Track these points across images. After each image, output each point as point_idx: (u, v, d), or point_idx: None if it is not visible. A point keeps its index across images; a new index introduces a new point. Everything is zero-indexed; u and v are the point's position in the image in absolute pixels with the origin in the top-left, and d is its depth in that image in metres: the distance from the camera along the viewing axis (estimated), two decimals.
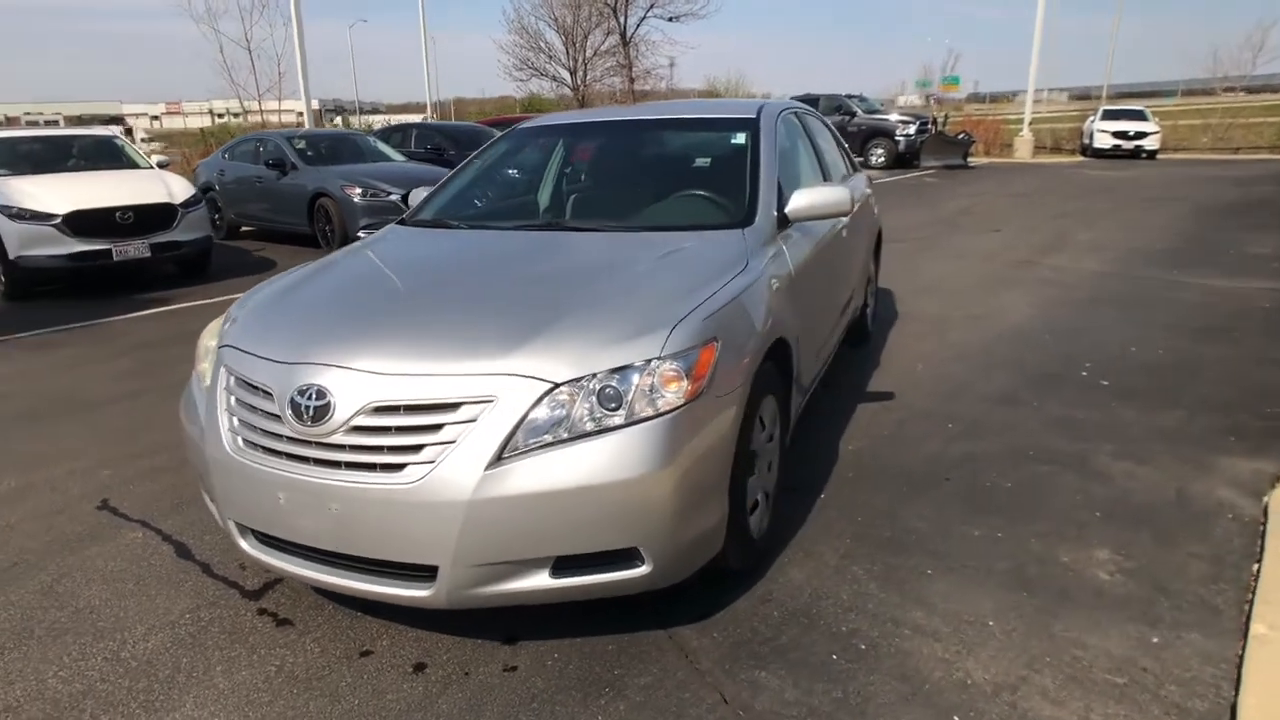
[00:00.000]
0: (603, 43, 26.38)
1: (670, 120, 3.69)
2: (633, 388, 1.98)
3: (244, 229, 10.35)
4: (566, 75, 27.29)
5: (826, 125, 4.61)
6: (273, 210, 9.49)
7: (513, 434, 1.91)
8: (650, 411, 1.97)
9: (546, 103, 28.20)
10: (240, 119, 23.71)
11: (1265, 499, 2.91)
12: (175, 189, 7.54)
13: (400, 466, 1.93)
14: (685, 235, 2.78)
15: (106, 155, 8.51)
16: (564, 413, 1.94)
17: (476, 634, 2.27)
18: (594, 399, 1.96)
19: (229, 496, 2.20)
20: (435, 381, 1.98)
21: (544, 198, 3.50)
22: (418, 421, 1.95)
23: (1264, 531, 2.68)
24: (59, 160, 8.24)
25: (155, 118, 79.02)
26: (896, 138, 19.24)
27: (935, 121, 20.14)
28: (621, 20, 25.58)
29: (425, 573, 1.98)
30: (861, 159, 19.70)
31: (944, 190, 14.20)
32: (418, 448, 1.93)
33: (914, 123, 19.61)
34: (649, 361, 2.02)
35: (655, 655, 2.17)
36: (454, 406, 1.95)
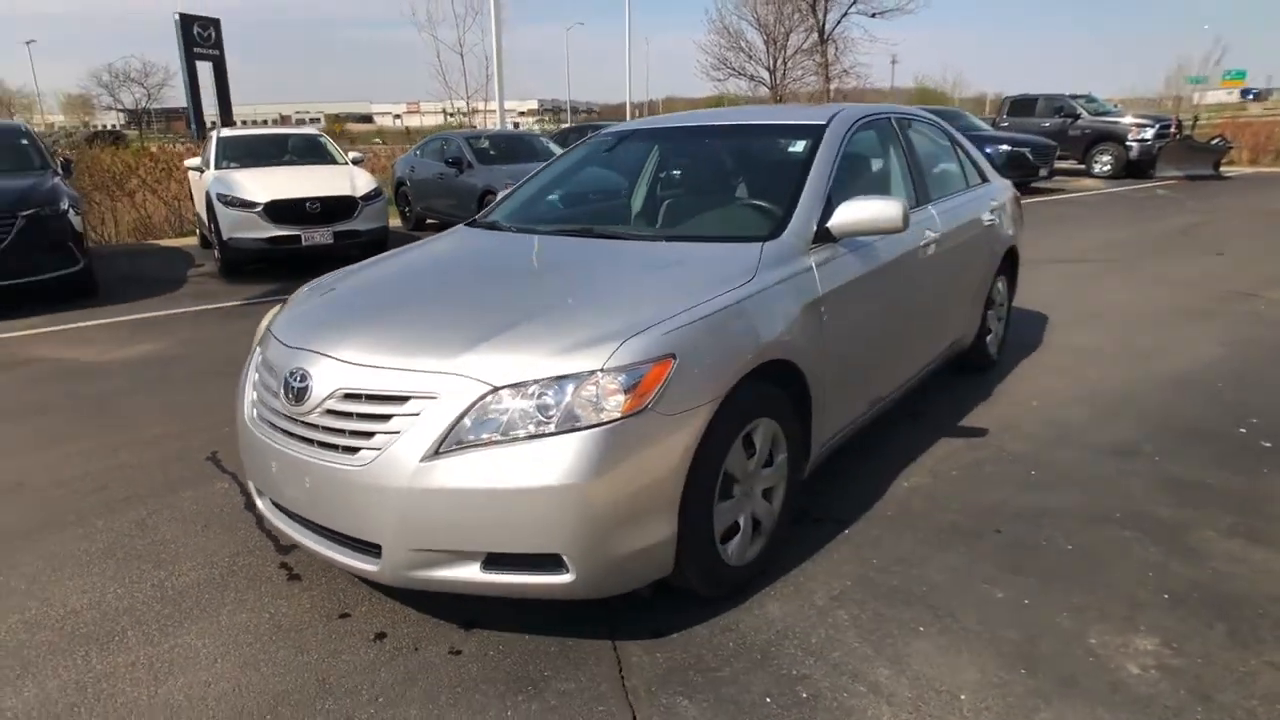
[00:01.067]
0: (804, 41, 25.82)
1: (735, 127, 3.59)
2: (567, 397, 2.00)
3: (429, 220, 11.37)
4: (765, 74, 27.04)
5: (948, 135, 4.25)
6: (451, 204, 10.36)
7: (450, 431, 2.00)
8: (583, 423, 1.98)
9: (736, 102, 28.11)
10: (468, 118, 25.86)
11: None
12: (359, 183, 8.47)
13: (355, 450, 2.09)
14: (704, 246, 2.73)
15: (313, 151, 9.72)
16: (500, 416, 2.00)
17: (442, 614, 2.39)
18: (530, 405, 2.00)
19: (247, 461, 2.49)
20: (392, 375, 2.11)
21: (589, 204, 3.55)
22: (374, 410, 2.10)
23: None
24: (276, 155, 9.53)
25: (398, 116, 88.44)
26: (1128, 143, 17.07)
27: (1180, 124, 17.62)
28: (820, 17, 24.88)
29: (374, 549, 2.13)
30: (1084, 167, 17.76)
31: (1171, 205, 12.45)
32: (370, 434, 2.08)
33: (1151, 125, 17.25)
34: (591, 373, 2.02)
35: (591, 664, 2.17)
36: (403, 399, 2.07)
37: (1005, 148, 14.33)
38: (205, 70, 25.81)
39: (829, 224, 2.82)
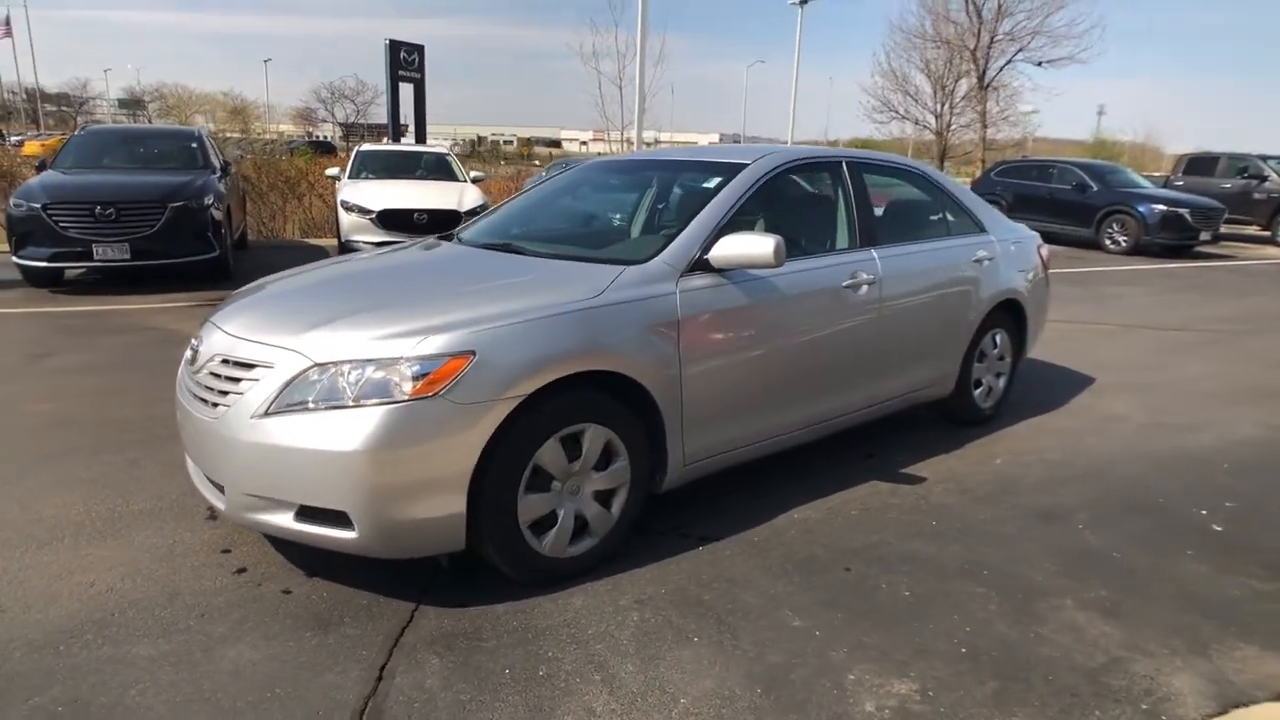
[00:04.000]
0: (971, 88, 24.86)
1: (675, 163, 3.78)
2: (367, 377, 2.31)
3: None
4: (931, 119, 26.24)
5: (936, 186, 4.20)
6: None
7: (277, 396, 2.37)
8: (374, 400, 2.28)
9: (881, 145, 27.41)
10: (651, 146, 26.94)
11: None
12: (466, 198, 9.24)
13: (216, 405, 2.51)
14: (576, 265, 2.96)
15: (440, 168, 10.69)
16: (315, 387, 2.35)
17: (298, 562, 2.76)
18: (340, 381, 2.33)
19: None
20: (251, 346, 2.52)
21: (524, 223, 3.81)
22: (234, 374, 2.51)
23: None
24: (409, 169, 10.57)
25: (584, 142, 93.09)
26: None
27: None
28: (981, 64, 23.85)
29: (221, 489, 2.53)
30: (1269, 233, 15.91)
31: None
32: (226, 393, 2.49)
33: None
34: (394, 360, 2.33)
35: (385, 618, 2.46)
36: (252, 366, 2.47)
37: (1160, 207, 13.19)
38: (407, 91, 28.64)
39: (708, 255, 2.97)
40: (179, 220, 7.86)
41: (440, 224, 8.87)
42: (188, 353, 2.89)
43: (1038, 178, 14.86)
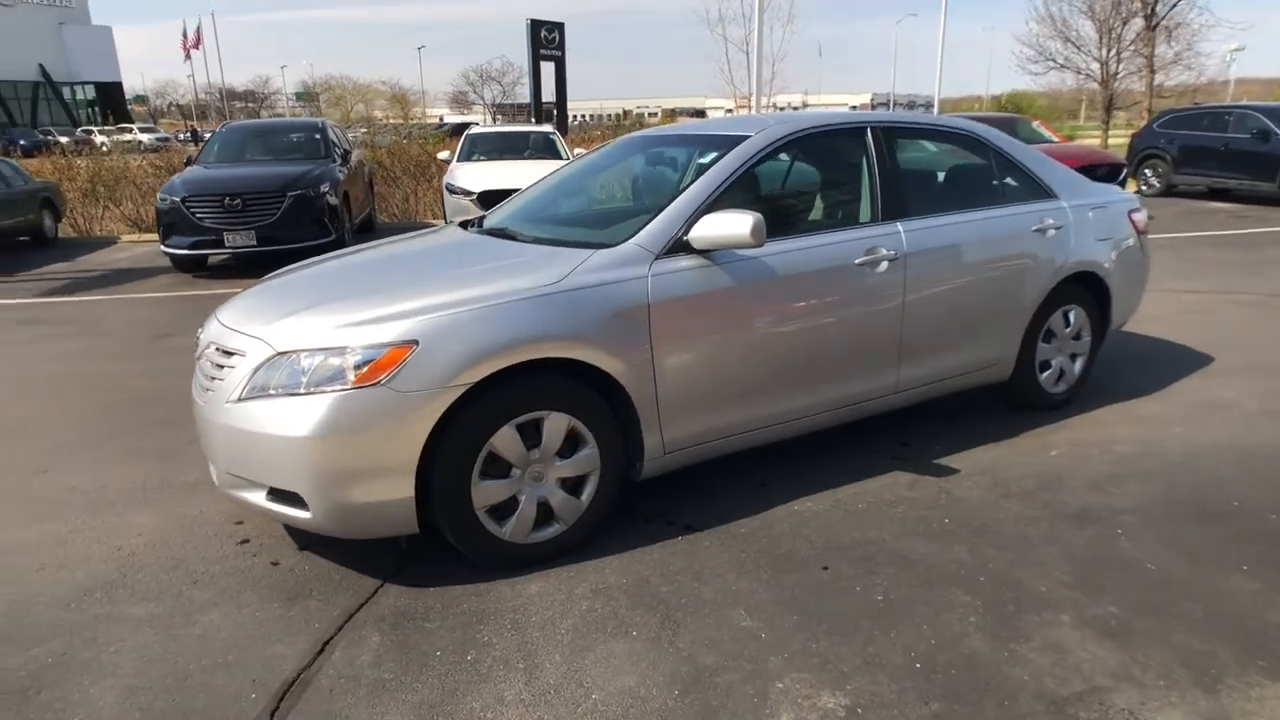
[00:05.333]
0: (1140, 31, 22.12)
1: (684, 137, 3.61)
2: (318, 365, 2.41)
3: None
4: (1095, 67, 23.70)
5: (991, 148, 3.79)
6: None
7: (247, 382, 2.52)
8: (321, 388, 2.38)
9: (1033, 100, 24.98)
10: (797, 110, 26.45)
11: None
12: None
13: (206, 390, 2.71)
14: (548, 249, 2.92)
15: (546, 147, 10.89)
16: (277, 374, 2.48)
17: (296, 536, 2.95)
18: (296, 368, 2.45)
19: None
20: (234, 335, 2.69)
21: (540, 206, 3.75)
22: (221, 361, 2.70)
23: None
24: (518, 150, 10.85)
25: (729, 110, 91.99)
26: None
27: None
28: (1150, 1, 21.09)
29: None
30: None
31: None
32: (214, 380, 2.68)
33: None
34: (341, 348, 2.42)
35: (349, 593, 2.58)
36: (232, 354, 2.64)
37: None
38: (549, 70, 29.32)
39: (688, 236, 2.85)
40: (298, 208, 8.51)
41: None
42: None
43: (1209, 126, 13.10)
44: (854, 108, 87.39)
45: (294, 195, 8.49)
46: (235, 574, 2.73)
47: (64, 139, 29.26)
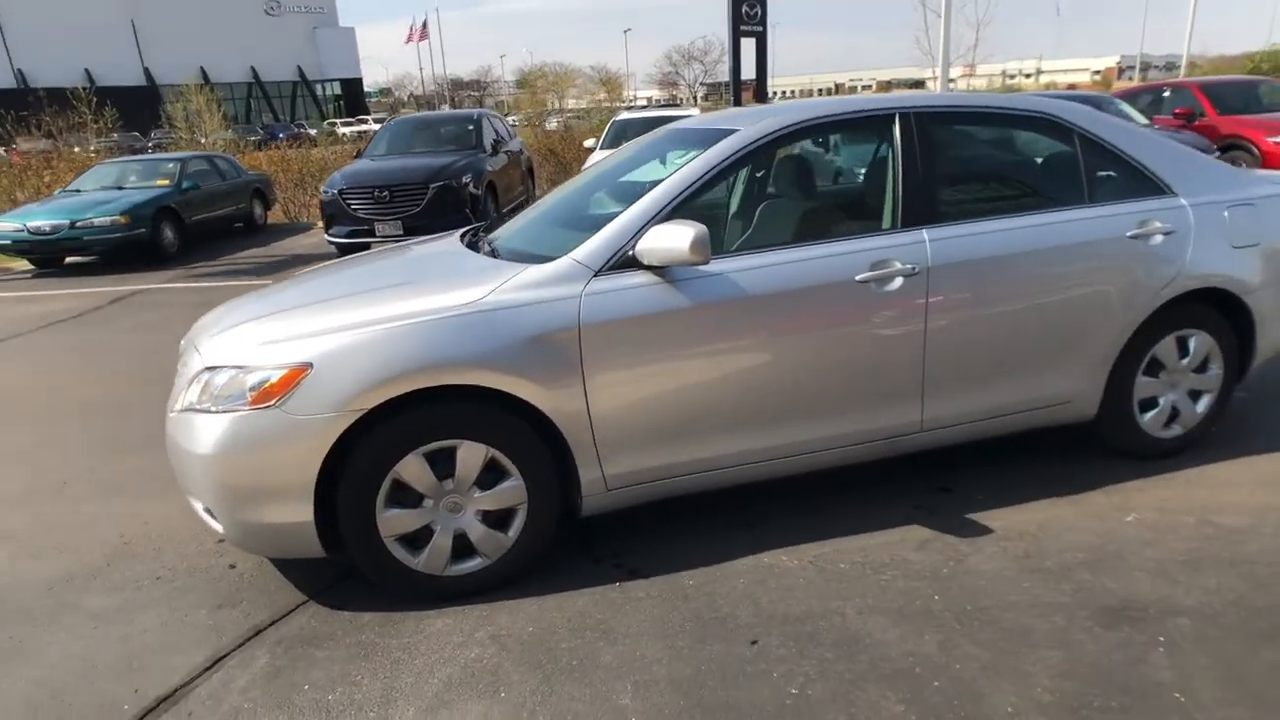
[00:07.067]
0: None
1: (682, 131, 3.20)
2: (226, 383, 2.42)
3: None
4: None
5: (1076, 133, 3.05)
6: None
7: (184, 393, 2.59)
8: (221, 408, 2.39)
9: None
10: (1032, 79, 24.27)
11: None
12: None
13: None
14: (494, 265, 2.72)
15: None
16: (200, 389, 2.52)
17: None
18: (213, 384, 2.48)
19: None
20: (188, 345, 2.79)
21: (550, 211, 3.48)
22: (179, 369, 2.81)
23: None
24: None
25: (951, 80, 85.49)
26: None
27: None
28: None
29: None
30: None
31: None
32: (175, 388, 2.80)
33: None
34: (245, 368, 2.41)
35: (270, 606, 2.61)
36: (184, 365, 2.74)
37: None
38: (749, 47, 28.72)
39: (634, 250, 2.55)
40: (440, 198, 8.94)
41: None
42: None
43: None
44: (1096, 73, 77.60)
45: (437, 187, 8.92)
46: (193, 574, 2.86)
47: (313, 131, 33.22)
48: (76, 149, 18.60)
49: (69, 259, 10.29)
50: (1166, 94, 10.56)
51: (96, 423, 4.46)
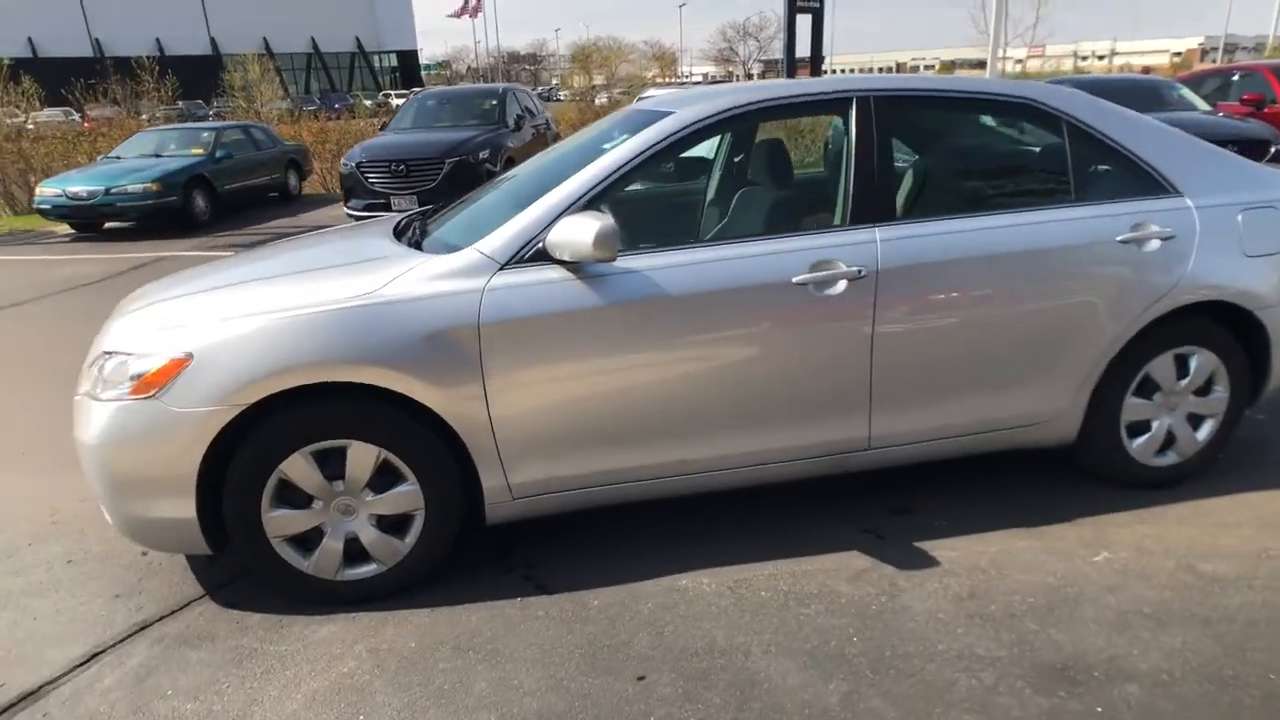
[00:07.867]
0: None
1: (641, 113, 2.94)
2: (112, 370, 2.31)
3: None
4: None
5: (1070, 123, 2.72)
6: None
7: (85, 376, 2.50)
8: (110, 396, 2.28)
9: None
10: (1105, 61, 23.28)
11: None
12: None
13: None
14: (407, 254, 2.54)
15: None
16: (94, 373, 2.41)
17: None
18: (102, 370, 2.36)
19: None
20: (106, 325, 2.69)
21: (498, 195, 3.26)
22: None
23: None
24: None
25: (1020, 61, 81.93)
26: None
27: None
28: None
29: None
30: None
31: None
32: None
33: None
34: (130, 355, 2.30)
35: (170, 598, 2.53)
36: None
37: None
38: (805, 23, 27.90)
39: (545, 243, 2.35)
40: (456, 174, 8.81)
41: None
42: None
43: None
44: (1176, 55, 73.27)
45: (453, 162, 8.80)
46: (105, 559, 2.79)
47: (368, 102, 33.52)
48: (144, 116, 19.14)
49: (107, 224, 10.52)
50: (1236, 78, 9.77)
51: None
